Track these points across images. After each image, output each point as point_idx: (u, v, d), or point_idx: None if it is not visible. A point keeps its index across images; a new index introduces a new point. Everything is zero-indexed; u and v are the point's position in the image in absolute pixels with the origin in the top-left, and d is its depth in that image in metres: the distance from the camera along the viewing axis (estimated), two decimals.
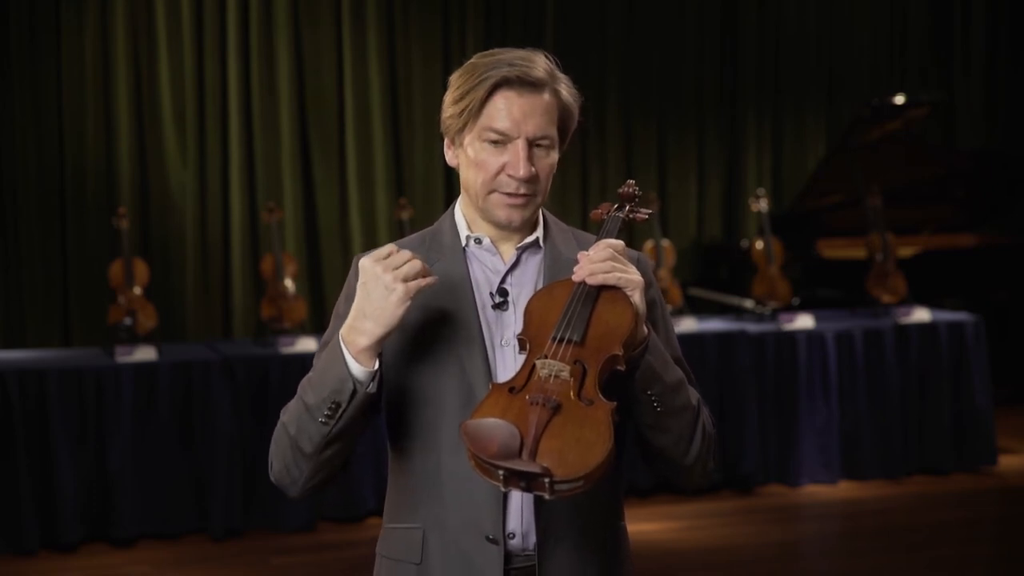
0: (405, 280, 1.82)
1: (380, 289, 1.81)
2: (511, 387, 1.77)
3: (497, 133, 1.91)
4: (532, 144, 1.92)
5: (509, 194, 1.92)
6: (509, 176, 1.91)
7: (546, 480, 1.64)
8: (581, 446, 1.68)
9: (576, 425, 1.70)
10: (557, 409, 1.72)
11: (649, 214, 2.05)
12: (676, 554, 5.29)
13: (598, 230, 1.99)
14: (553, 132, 1.94)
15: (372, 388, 1.85)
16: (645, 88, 8.43)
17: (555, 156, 1.96)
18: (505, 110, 1.91)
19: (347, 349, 1.85)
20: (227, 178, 7.42)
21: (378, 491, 5.51)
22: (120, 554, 5.31)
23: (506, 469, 1.64)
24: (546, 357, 1.78)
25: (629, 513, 2.07)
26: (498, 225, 1.96)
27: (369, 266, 1.83)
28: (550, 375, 1.76)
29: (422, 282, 1.83)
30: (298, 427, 1.91)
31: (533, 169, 1.91)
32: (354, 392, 1.84)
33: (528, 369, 1.79)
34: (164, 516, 5.45)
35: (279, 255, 6.22)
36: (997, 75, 9.24)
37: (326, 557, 5.25)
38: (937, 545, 5.42)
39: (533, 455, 1.66)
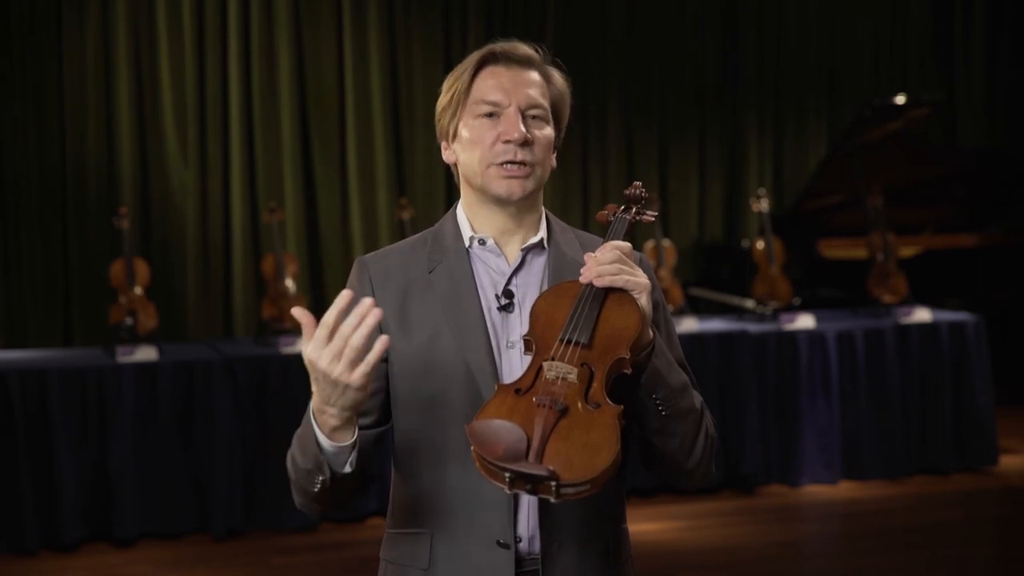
0: (354, 363, 1.68)
1: (331, 384, 1.70)
2: (517, 388, 1.76)
3: (489, 104, 1.92)
4: (524, 113, 1.92)
5: (507, 163, 1.91)
6: (505, 143, 1.90)
7: (552, 484, 1.63)
8: (588, 449, 1.66)
9: (583, 428, 1.69)
10: (564, 412, 1.70)
11: (655, 216, 2.02)
12: (676, 554, 5.29)
13: (604, 232, 1.98)
14: (545, 104, 1.95)
15: (348, 467, 1.80)
16: (646, 88, 8.43)
17: (550, 131, 1.95)
18: (494, 82, 1.93)
19: (319, 429, 1.77)
20: (228, 178, 7.42)
21: (380, 492, 5.51)
22: (121, 554, 5.31)
23: (512, 471, 1.63)
24: (553, 359, 1.77)
25: (631, 513, 2.07)
26: (499, 201, 1.94)
27: (312, 363, 1.69)
28: (557, 377, 1.74)
29: (373, 356, 1.68)
30: (297, 477, 1.87)
31: (528, 133, 1.91)
32: (333, 472, 1.79)
33: (535, 370, 1.77)
34: (165, 516, 5.46)
35: (280, 255, 6.22)
36: (998, 75, 9.23)
37: (327, 557, 5.25)
38: (937, 545, 5.42)
39: (540, 458, 1.65)
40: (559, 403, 1.71)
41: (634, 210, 2.00)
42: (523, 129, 1.90)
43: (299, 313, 1.71)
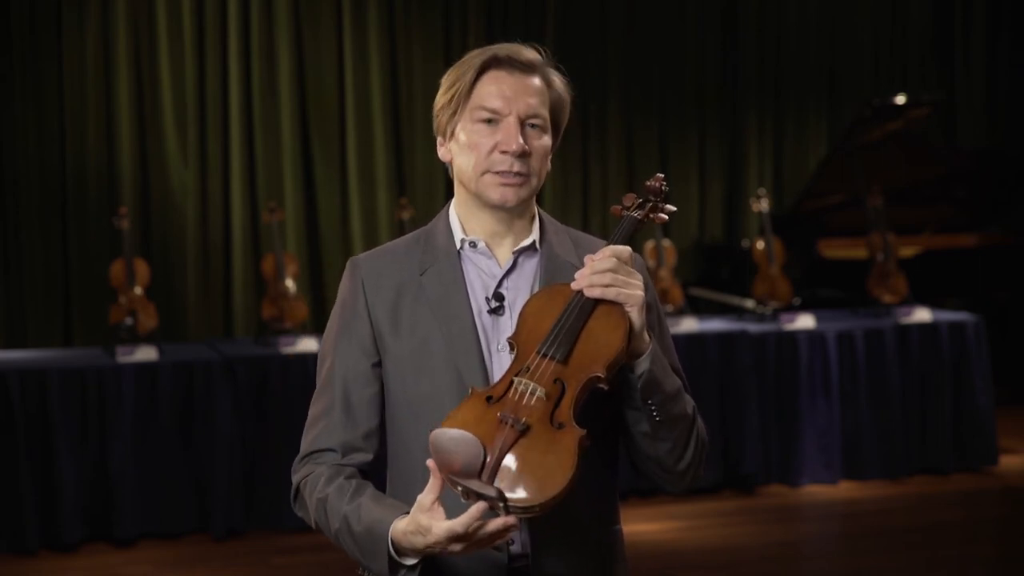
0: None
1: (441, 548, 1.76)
2: (489, 396, 1.77)
3: (488, 111, 1.91)
4: (524, 123, 1.91)
5: (502, 172, 1.91)
6: (502, 153, 1.90)
7: (500, 503, 1.66)
8: (541, 473, 1.68)
9: (541, 450, 1.70)
10: (525, 431, 1.71)
11: (671, 213, 1.98)
12: (676, 554, 5.29)
13: (604, 231, 1.98)
14: (545, 113, 1.94)
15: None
16: (646, 88, 8.43)
17: (548, 140, 1.95)
18: (495, 89, 1.92)
19: (398, 547, 1.80)
20: (228, 178, 7.42)
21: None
22: (121, 554, 5.32)
23: (464, 487, 1.67)
24: (528, 369, 1.77)
25: (630, 513, 2.08)
26: (492, 206, 1.94)
27: (441, 547, 1.75)
28: (526, 393, 1.75)
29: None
30: (322, 529, 1.97)
31: (526, 145, 1.90)
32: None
33: (508, 380, 1.78)
34: (165, 516, 5.46)
35: (280, 255, 6.22)
36: (998, 75, 9.23)
37: (327, 557, 5.24)
38: (937, 545, 5.42)
39: (492, 476, 1.68)
40: (521, 423, 1.71)
41: (649, 205, 1.95)
42: (521, 141, 1.90)
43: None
